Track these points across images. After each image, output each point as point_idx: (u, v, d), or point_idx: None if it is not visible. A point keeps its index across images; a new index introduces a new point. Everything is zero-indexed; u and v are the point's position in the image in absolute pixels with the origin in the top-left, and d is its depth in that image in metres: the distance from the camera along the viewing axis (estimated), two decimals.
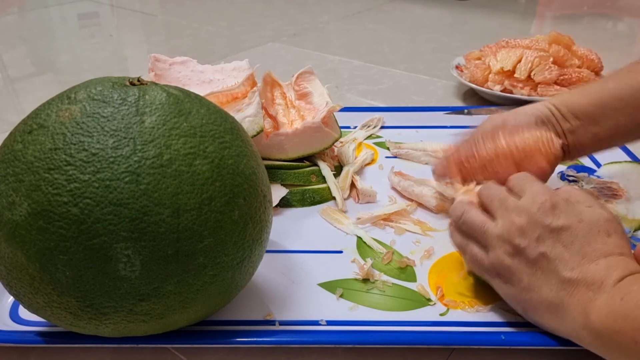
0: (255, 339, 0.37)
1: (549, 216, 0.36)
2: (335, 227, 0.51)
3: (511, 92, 0.72)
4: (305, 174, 0.55)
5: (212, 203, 0.31)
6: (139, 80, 0.34)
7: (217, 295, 0.34)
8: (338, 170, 0.58)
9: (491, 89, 0.73)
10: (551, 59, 0.71)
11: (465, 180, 0.47)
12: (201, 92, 0.53)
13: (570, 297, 0.34)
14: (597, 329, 0.32)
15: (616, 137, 0.46)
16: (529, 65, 0.70)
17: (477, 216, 0.40)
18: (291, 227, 0.51)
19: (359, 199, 0.54)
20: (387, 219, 0.51)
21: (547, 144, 0.45)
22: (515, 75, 0.71)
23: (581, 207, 0.36)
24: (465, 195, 0.44)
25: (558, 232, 0.35)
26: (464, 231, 0.41)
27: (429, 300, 0.42)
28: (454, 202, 0.44)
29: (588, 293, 0.33)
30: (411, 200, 0.54)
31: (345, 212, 0.53)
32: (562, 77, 0.71)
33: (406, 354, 0.38)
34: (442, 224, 0.50)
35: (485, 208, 0.41)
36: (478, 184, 0.45)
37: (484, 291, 0.42)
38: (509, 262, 0.37)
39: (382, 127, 0.69)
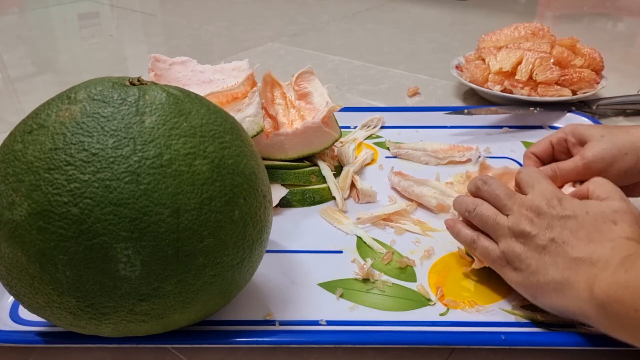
0: (255, 339, 0.37)
1: (556, 208, 0.38)
2: (335, 227, 0.51)
3: (511, 92, 0.72)
4: (305, 174, 0.55)
5: (212, 203, 0.31)
6: (139, 80, 0.34)
7: (217, 295, 0.34)
8: (338, 170, 0.58)
9: (491, 89, 0.73)
10: (552, 60, 0.71)
11: None
12: (201, 92, 0.53)
13: (576, 275, 0.35)
14: (600, 300, 0.32)
15: None
16: (530, 67, 0.70)
17: (488, 209, 0.41)
18: (291, 227, 0.51)
19: (359, 199, 0.54)
20: (387, 219, 0.51)
21: None
22: (517, 77, 0.71)
23: (589, 202, 0.38)
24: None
25: (565, 220, 0.37)
26: (474, 225, 0.42)
27: (429, 300, 0.42)
28: (457, 197, 0.45)
29: (593, 270, 0.34)
30: (411, 200, 0.54)
31: (345, 212, 0.53)
32: (563, 78, 0.71)
33: (406, 354, 0.38)
34: (442, 224, 0.50)
35: (491, 203, 0.42)
36: None
37: (484, 291, 0.42)
38: (519, 249, 0.38)
39: (382, 127, 0.69)
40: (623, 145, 0.45)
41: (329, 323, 0.39)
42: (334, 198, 0.54)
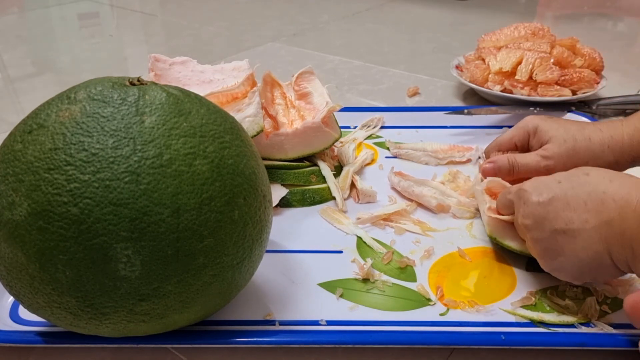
0: (255, 339, 0.37)
1: (534, 195, 0.40)
2: (335, 227, 0.51)
3: (511, 92, 0.72)
4: (305, 174, 0.55)
5: (212, 203, 0.31)
6: (138, 80, 0.34)
7: (217, 295, 0.34)
8: (338, 170, 0.58)
9: (491, 89, 0.73)
10: (552, 60, 0.71)
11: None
12: (201, 92, 0.53)
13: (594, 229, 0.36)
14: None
15: None
16: (530, 67, 0.70)
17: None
18: (291, 227, 0.51)
19: (359, 199, 0.54)
20: (387, 219, 0.51)
21: None
22: (517, 77, 0.71)
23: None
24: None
25: (548, 204, 0.38)
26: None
27: (429, 300, 0.42)
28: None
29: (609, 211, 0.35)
30: (411, 200, 0.54)
31: (345, 212, 0.53)
32: (563, 78, 0.71)
33: (406, 354, 0.38)
34: (442, 224, 0.50)
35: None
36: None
37: (484, 291, 0.42)
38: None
39: (382, 127, 0.69)
40: (584, 154, 0.47)
41: (329, 323, 0.39)
42: (334, 198, 0.54)
